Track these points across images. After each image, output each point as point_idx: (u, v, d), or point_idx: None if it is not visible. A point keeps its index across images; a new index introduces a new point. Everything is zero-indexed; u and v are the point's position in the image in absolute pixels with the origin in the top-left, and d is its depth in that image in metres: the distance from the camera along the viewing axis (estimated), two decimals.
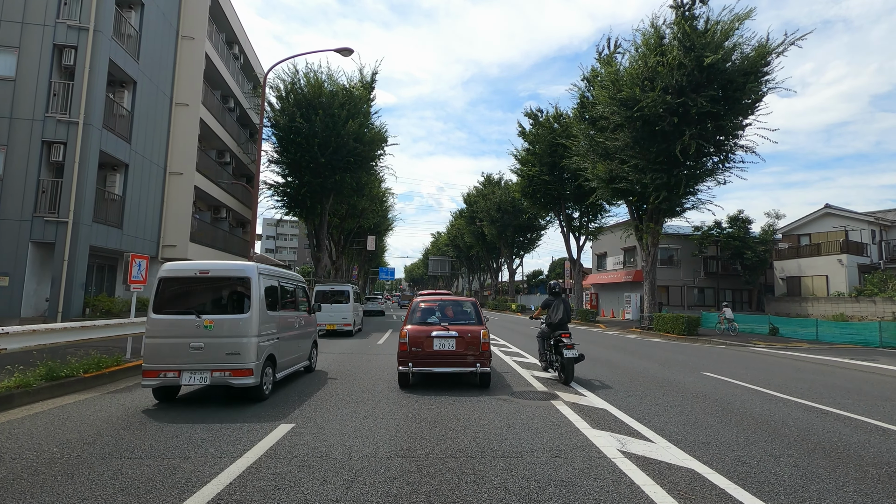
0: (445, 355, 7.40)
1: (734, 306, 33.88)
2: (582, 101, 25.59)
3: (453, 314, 8.14)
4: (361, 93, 26.49)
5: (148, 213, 18.60)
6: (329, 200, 27.59)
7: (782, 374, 9.91)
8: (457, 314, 8.14)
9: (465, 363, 7.39)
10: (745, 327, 22.48)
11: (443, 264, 71.25)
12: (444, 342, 7.42)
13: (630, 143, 20.76)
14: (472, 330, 7.57)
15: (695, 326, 19.65)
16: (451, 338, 7.43)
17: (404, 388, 7.41)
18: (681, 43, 18.34)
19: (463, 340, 7.43)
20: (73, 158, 14.37)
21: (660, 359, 12.09)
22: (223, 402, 6.36)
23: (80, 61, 14.73)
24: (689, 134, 18.35)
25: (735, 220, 32.03)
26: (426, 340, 7.43)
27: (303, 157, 24.69)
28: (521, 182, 34.07)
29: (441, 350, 7.40)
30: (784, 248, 31.55)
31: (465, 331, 7.53)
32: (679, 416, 6.01)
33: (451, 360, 7.41)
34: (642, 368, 10.23)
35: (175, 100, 20.19)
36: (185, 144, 20.30)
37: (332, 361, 10.35)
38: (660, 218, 22.77)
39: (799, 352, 15.06)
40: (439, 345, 7.41)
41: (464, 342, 7.42)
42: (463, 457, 4.29)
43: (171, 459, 4.12)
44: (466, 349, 7.40)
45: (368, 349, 12.88)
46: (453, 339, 7.43)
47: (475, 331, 7.55)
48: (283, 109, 24.97)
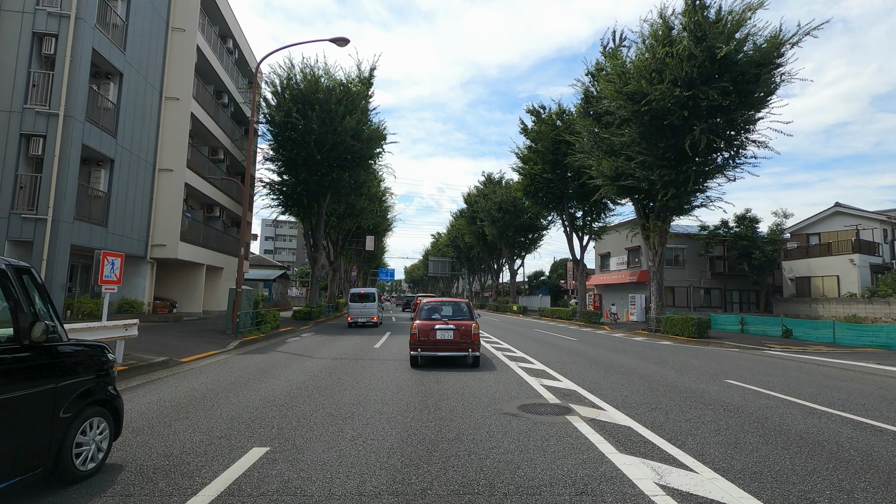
0: (446, 342, 9.62)
1: (741, 307, 33.15)
2: (586, 97, 24.85)
3: (451, 312, 10.63)
4: (359, 89, 25.75)
5: (136, 211, 17.84)
6: (326, 199, 26.84)
7: (811, 382, 9.13)
8: (454, 312, 10.62)
9: (461, 348, 9.65)
10: (756, 329, 21.71)
11: (443, 265, 70.50)
12: (445, 332, 9.66)
13: (637, 139, 20.02)
14: (466, 324, 9.87)
15: (705, 329, 18.88)
16: (450, 329, 9.68)
17: (415, 367, 9.60)
18: (692, 33, 17.60)
19: (458, 331, 9.68)
20: (53, 152, 13.61)
21: (675, 364, 11.31)
22: (204, 420, 5.58)
23: (60, 50, 13.98)
24: (700, 128, 17.60)
25: (742, 219, 31.27)
26: (431, 332, 9.65)
27: (299, 154, 23.96)
28: (522, 181, 33.32)
29: (442, 339, 9.62)
30: (793, 247, 30.78)
31: (460, 324, 9.81)
32: (715, 435, 5.24)
33: (450, 346, 9.63)
34: (659, 375, 9.45)
35: (165, 94, 19.45)
36: (175, 140, 19.54)
37: (324, 368, 9.58)
38: (667, 216, 22.01)
39: (818, 355, 14.29)
40: (441, 335, 9.64)
41: (459, 332, 9.67)
42: (468, 493, 3.52)
43: (114, 498, 3.36)
44: (461, 338, 9.64)
45: (364, 353, 12.12)
46: (451, 331, 9.67)
47: (468, 324, 9.87)
48: (279, 105, 24.25)
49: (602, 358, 12.20)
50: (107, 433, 3.93)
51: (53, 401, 3.40)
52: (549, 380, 8.57)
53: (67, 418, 3.52)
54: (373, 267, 79.88)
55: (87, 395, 3.75)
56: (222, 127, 24.35)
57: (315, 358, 11.12)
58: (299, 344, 14.37)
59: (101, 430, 3.85)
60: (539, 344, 15.61)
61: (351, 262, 54.83)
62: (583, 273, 32.61)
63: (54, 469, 3.42)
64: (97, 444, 3.80)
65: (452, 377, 8.61)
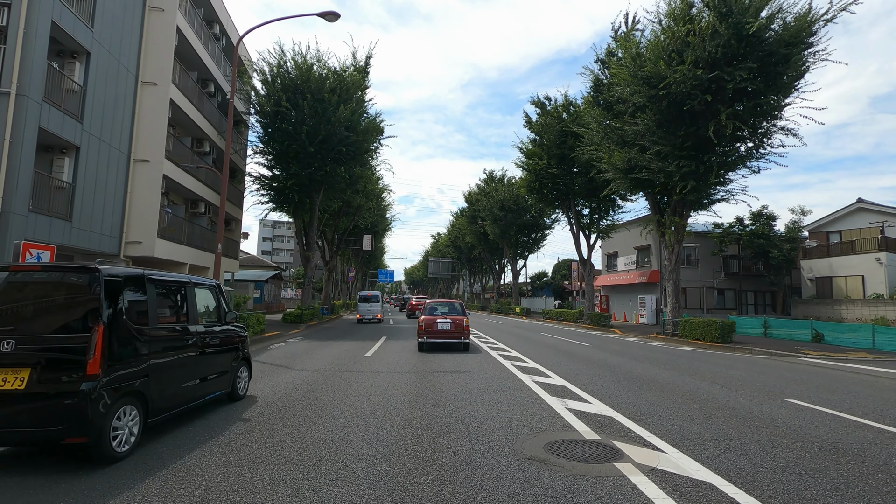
0: (445, 332, 13.06)
1: (756, 309, 31.57)
2: (596, 85, 23.33)
3: (448, 310, 14.00)
4: (354, 77, 24.24)
5: (106, 205, 16.26)
6: (320, 195, 25.29)
7: (892, 400, 7.55)
8: (450, 310, 14.00)
9: (455, 337, 13.05)
10: (781, 333, 20.11)
11: (443, 266, 68.91)
12: (444, 324, 13.11)
13: (652, 128, 18.47)
14: (459, 318, 13.37)
15: (729, 333, 17.30)
16: (448, 322, 13.15)
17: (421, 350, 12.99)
18: (715, 9, 16.06)
19: (454, 324, 13.14)
20: (2, 135, 12.04)
21: (714, 376, 9.73)
22: None
23: (13, 21, 12.40)
24: (726, 113, 16.04)
25: (758, 216, 29.68)
26: (433, 324, 13.11)
27: (290, 146, 22.44)
28: (526, 177, 31.74)
29: (442, 329, 13.07)
30: (812, 246, 29.18)
31: (455, 319, 13.29)
32: (840, 499, 3.67)
33: (448, 335, 13.04)
34: (705, 393, 7.87)
35: (141, 78, 17.88)
36: (153, 128, 17.96)
37: (300, 385, 7.99)
38: (685, 211, 20.45)
39: (865, 363, 12.71)
40: (441, 326, 13.09)
41: (455, 325, 13.13)
42: None
43: None
44: (456, 329, 13.09)
45: (354, 362, 10.54)
46: (449, 323, 13.13)
47: (461, 319, 13.37)
48: (269, 94, 22.74)
49: (627, 368, 10.62)
50: (247, 377, 7.01)
51: (232, 354, 6.54)
52: (576, 401, 6.99)
53: (235, 366, 6.58)
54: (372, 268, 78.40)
55: (239, 353, 6.74)
56: (208, 118, 22.78)
57: (294, 370, 9.54)
58: (282, 351, 12.79)
59: (246, 374, 6.96)
60: (551, 351, 14.04)
61: (349, 263, 53.25)
62: (590, 273, 31.03)
63: (230, 392, 6.48)
64: (245, 381, 6.87)
65: (456, 396, 7.04)
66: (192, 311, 5.67)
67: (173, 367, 5.06)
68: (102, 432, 3.96)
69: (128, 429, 4.30)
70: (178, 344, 5.21)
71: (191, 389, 5.40)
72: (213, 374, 5.90)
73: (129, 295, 4.57)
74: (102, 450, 3.99)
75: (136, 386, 4.42)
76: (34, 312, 4.26)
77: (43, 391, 3.83)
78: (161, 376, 4.80)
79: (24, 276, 4.41)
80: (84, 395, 3.86)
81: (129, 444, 4.30)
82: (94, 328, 4.01)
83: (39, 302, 4.31)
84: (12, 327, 4.00)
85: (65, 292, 4.32)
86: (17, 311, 4.20)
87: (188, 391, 5.35)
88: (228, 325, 6.55)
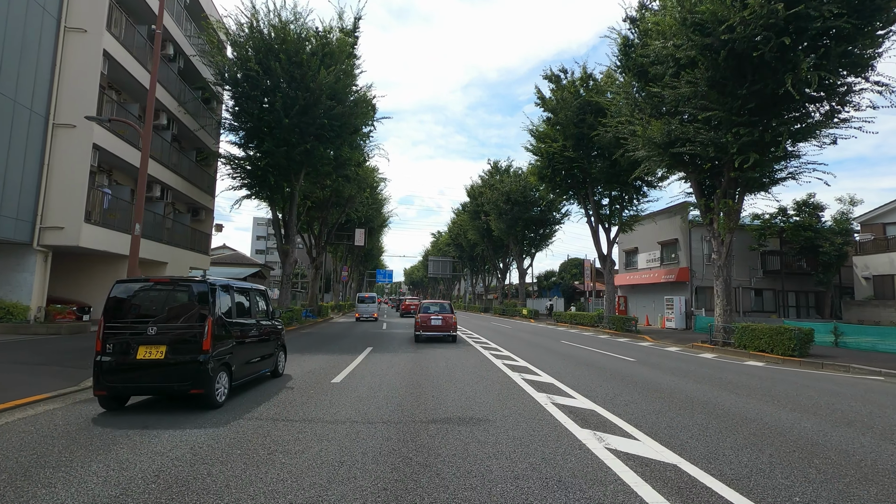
0: (436, 327, 16.45)
1: (798, 312, 27.93)
2: (625, 48, 19.76)
3: (439, 309, 17.42)
4: (341, 40, 20.70)
5: (13, 179, 12.73)
6: (300, 179, 21.74)
7: None
8: (440, 309, 17.45)
9: (445, 331, 16.46)
10: (858, 342, 16.41)
11: (443, 265, 65.30)
12: (436, 321, 16.55)
13: (703, 89, 14.94)
14: (448, 316, 16.74)
15: (807, 344, 13.68)
16: (439, 319, 16.58)
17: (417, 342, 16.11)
18: None
19: (444, 320, 16.54)
20: None
21: (843, 416, 6.12)
22: None
23: None
24: (810, 62, 12.45)
25: (804, 206, 26.04)
26: (427, 320, 16.53)
27: (262, 118, 18.92)
28: (538, 163, 28.14)
29: (434, 325, 16.47)
30: (868, 240, 25.52)
31: (445, 316, 16.66)
32: None
33: (439, 329, 16.47)
34: (857, 452, 4.26)
35: (65, 23, 14.34)
36: (81, 86, 14.43)
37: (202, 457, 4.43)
38: (739, 193, 16.85)
39: None
40: (434, 322, 16.52)
41: (444, 321, 16.52)
42: None
43: None
44: (446, 325, 16.46)
45: (317, 397, 6.95)
46: (440, 320, 16.55)
47: (450, 316, 16.74)
48: (240, 59, 19.21)
49: (714, 402, 7.01)
50: (284, 360, 9.00)
51: (276, 342, 8.49)
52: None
53: (276, 351, 8.53)
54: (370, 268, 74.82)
55: (279, 341, 8.75)
56: (165, 85, 19.23)
57: (217, 413, 5.95)
58: None
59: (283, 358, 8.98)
60: (584, 368, 10.44)
61: (342, 261, 49.69)
62: (611, 271, 27.43)
63: (273, 370, 8.43)
64: (283, 363, 8.92)
65: (460, 470, 3.43)
66: (254, 309, 7.80)
67: (245, 348, 7.12)
68: (211, 387, 6.01)
69: (223, 387, 6.34)
70: (247, 332, 7.25)
71: (254, 365, 7.52)
72: (265, 356, 7.98)
73: (222, 298, 6.64)
74: (211, 399, 6.05)
75: (227, 359, 6.46)
76: (168, 309, 6.19)
77: (175, 360, 5.87)
78: (239, 354, 6.85)
79: (159, 285, 6.51)
80: (202, 363, 5.90)
81: (224, 397, 6.38)
82: (207, 319, 6.05)
83: (170, 302, 6.29)
84: (154, 318, 6.05)
85: (187, 296, 6.28)
86: (155, 308, 6.20)
87: (252, 366, 7.45)
88: (273, 320, 8.55)
